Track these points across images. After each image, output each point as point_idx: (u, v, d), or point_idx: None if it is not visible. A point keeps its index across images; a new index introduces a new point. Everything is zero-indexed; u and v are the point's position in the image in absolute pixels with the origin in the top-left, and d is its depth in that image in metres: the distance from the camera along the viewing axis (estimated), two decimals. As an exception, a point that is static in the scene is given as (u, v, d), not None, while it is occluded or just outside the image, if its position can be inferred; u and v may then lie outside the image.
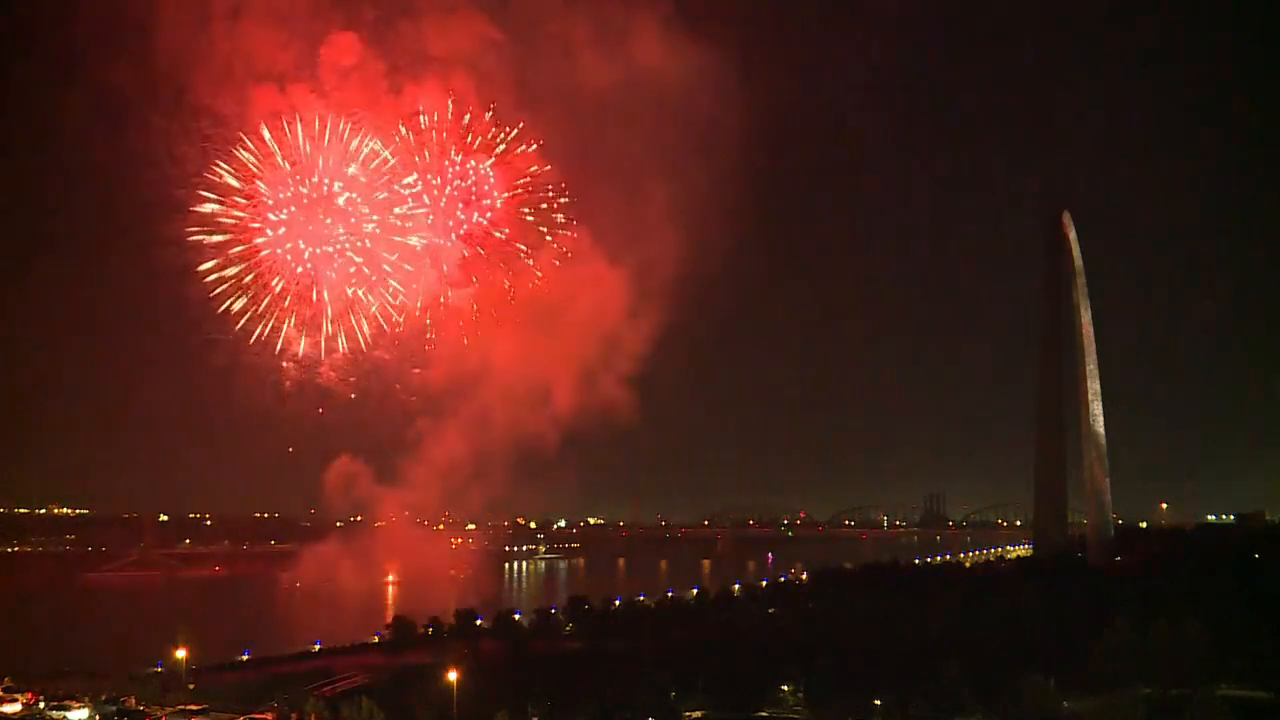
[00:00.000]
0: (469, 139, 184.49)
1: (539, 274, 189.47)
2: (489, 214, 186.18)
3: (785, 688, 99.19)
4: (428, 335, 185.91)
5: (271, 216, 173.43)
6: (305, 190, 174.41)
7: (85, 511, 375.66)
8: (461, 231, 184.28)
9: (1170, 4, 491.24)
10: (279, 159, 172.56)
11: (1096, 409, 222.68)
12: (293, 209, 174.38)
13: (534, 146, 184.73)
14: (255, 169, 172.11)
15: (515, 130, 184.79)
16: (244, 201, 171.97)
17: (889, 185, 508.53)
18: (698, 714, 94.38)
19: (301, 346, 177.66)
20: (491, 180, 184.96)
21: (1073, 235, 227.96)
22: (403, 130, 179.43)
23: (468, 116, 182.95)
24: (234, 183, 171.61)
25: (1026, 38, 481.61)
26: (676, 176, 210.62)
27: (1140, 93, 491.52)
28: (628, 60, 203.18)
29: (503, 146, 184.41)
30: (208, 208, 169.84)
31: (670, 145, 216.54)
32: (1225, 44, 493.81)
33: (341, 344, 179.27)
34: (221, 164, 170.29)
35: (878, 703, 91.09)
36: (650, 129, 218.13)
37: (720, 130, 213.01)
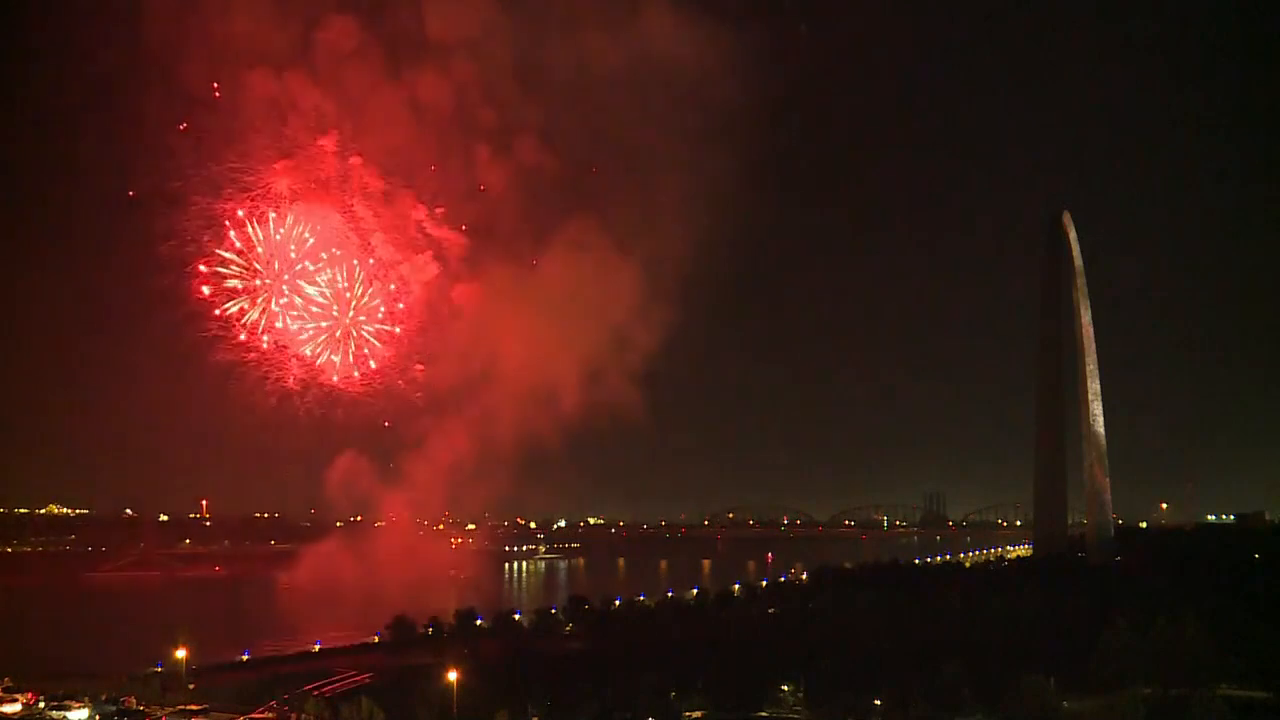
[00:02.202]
0: (471, 129, 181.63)
1: (534, 262, 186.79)
2: (491, 211, 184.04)
3: (785, 688, 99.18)
4: (430, 330, 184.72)
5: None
6: (306, 181, 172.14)
7: (85, 511, 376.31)
8: (463, 226, 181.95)
9: (1171, 4, 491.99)
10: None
11: (1096, 409, 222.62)
12: (291, 197, 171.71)
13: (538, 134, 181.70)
14: (254, 163, 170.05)
15: (519, 123, 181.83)
16: (241, 191, 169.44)
17: (890, 185, 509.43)
18: (698, 714, 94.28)
19: (302, 344, 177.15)
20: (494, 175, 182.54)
21: (1073, 235, 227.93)
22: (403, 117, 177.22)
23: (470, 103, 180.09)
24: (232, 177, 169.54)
25: (1028, 38, 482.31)
26: (686, 164, 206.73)
27: (1141, 93, 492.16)
28: (638, 42, 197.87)
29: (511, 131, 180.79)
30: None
31: (680, 132, 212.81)
32: (1226, 44, 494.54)
33: (363, 330, 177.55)
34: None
35: (878, 703, 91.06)
36: (661, 114, 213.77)
37: (732, 116, 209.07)
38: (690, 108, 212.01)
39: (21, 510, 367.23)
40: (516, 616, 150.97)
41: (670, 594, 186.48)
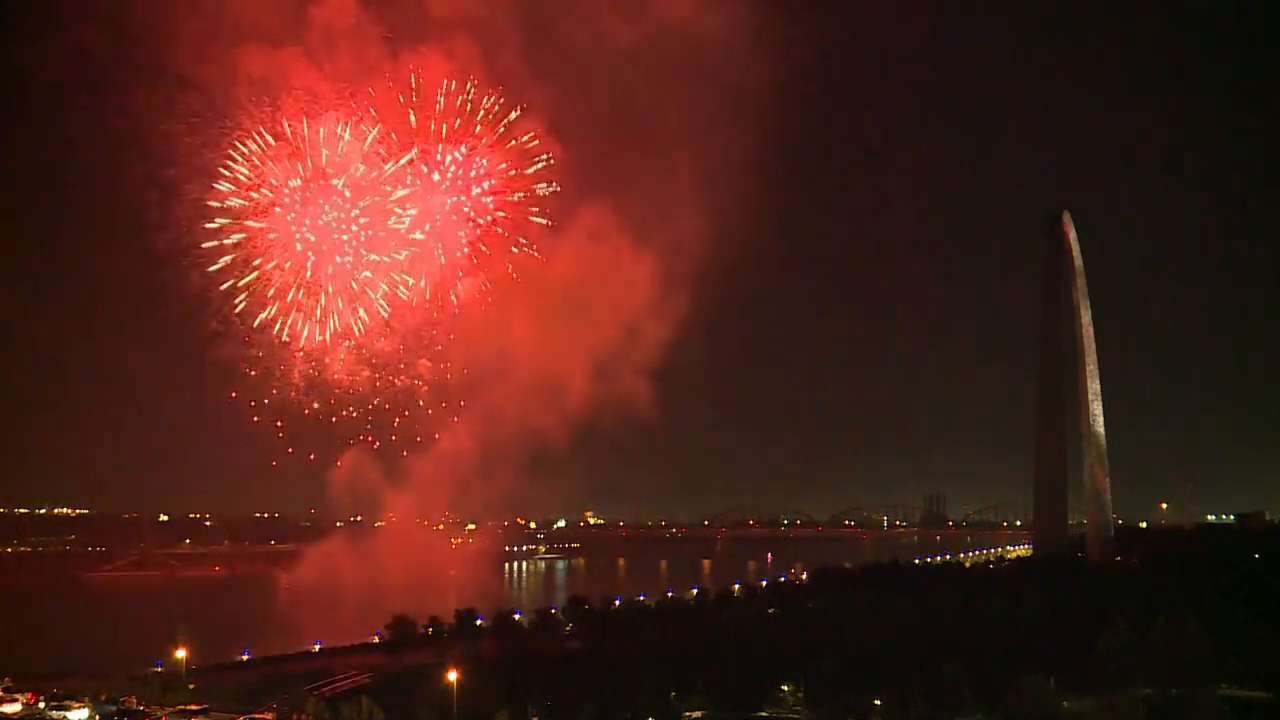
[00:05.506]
0: (473, 112, 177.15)
1: (536, 254, 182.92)
2: (493, 196, 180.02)
3: (785, 688, 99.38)
4: (435, 325, 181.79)
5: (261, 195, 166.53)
6: (302, 172, 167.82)
7: (85, 511, 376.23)
8: (466, 210, 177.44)
9: (1172, 4, 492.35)
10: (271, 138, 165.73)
11: (1096, 409, 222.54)
12: (289, 187, 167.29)
13: (534, 132, 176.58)
14: (250, 151, 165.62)
15: (524, 105, 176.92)
16: (241, 183, 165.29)
17: (889, 186, 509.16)
18: (698, 714, 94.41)
19: (303, 340, 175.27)
20: (496, 165, 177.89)
21: (1073, 235, 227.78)
22: (401, 102, 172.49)
23: (471, 88, 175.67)
24: (226, 167, 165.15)
25: (1029, 38, 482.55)
26: (701, 148, 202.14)
27: (1142, 93, 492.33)
28: (651, 18, 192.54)
29: (515, 113, 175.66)
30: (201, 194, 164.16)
31: (695, 114, 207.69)
32: (1226, 43, 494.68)
33: (356, 328, 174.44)
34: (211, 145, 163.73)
35: (878, 702, 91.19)
36: (673, 95, 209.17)
37: (747, 95, 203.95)
38: (706, 87, 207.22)
39: (21, 510, 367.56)
40: (516, 616, 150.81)
41: (670, 594, 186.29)
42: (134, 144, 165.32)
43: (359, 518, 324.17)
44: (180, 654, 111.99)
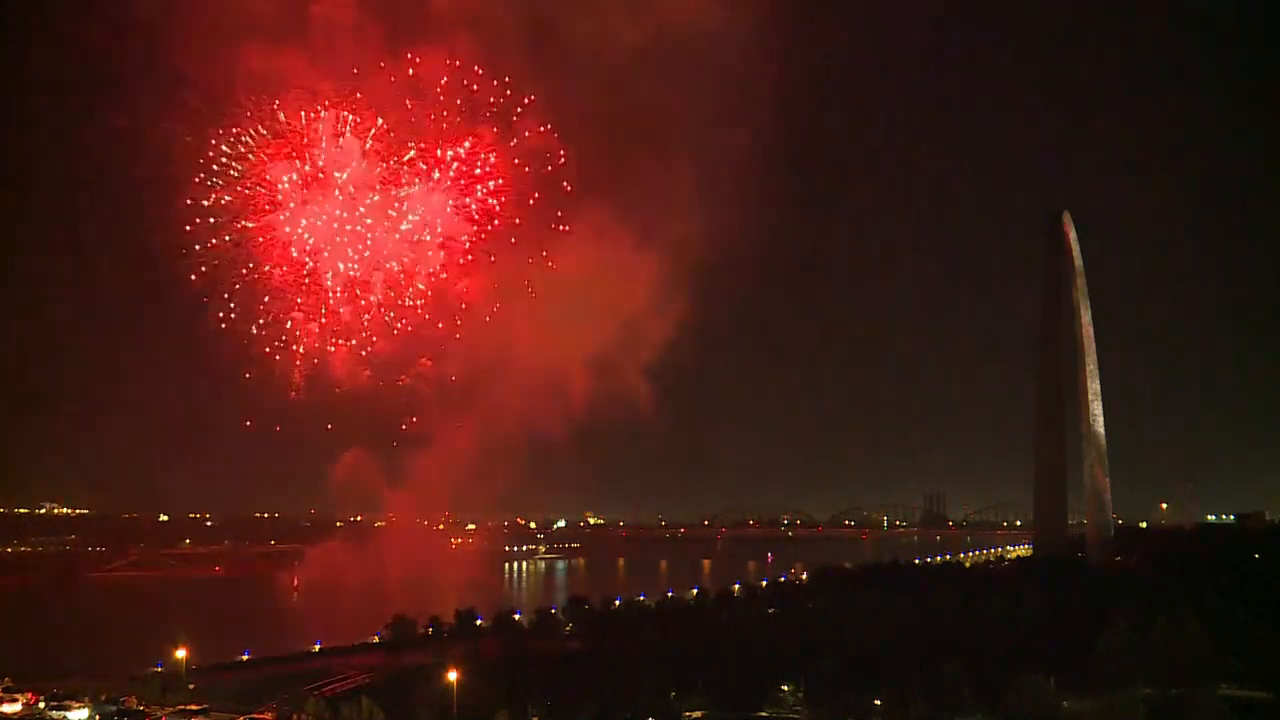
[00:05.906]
0: (475, 109, 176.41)
1: (550, 264, 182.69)
2: (495, 196, 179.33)
3: (785, 688, 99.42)
4: (436, 325, 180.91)
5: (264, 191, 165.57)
6: (303, 167, 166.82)
7: (85, 511, 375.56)
8: (469, 207, 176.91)
9: (1172, 4, 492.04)
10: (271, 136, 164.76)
11: (1096, 409, 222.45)
12: (288, 184, 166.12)
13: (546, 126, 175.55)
14: (249, 148, 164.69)
15: (527, 101, 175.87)
16: (241, 181, 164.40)
17: (889, 186, 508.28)
18: (698, 714, 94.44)
19: (303, 340, 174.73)
20: (498, 163, 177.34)
21: (1073, 235, 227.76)
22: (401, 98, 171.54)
23: (474, 85, 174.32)
24: (226, 164, 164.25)
25: (1029, 38, 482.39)
26: (704, 146, 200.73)
27: (1142, 93, 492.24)
28: (653, 17, 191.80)
29: (518, 111, 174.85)
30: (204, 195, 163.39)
31: (698, 112, 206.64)
32: (1226, 43, 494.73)
33: (357, 328, 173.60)
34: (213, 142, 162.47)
35: (878, 702, 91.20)
36: (676, 94, 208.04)
37: (749, 95, 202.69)
38: (708, 86, 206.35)
39: (21, 510, 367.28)
40: (516, 616, 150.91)
41: (670, 594, 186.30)
42: (134, 142, 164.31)
43: (359, 518, 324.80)
44: (180, 654, 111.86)
